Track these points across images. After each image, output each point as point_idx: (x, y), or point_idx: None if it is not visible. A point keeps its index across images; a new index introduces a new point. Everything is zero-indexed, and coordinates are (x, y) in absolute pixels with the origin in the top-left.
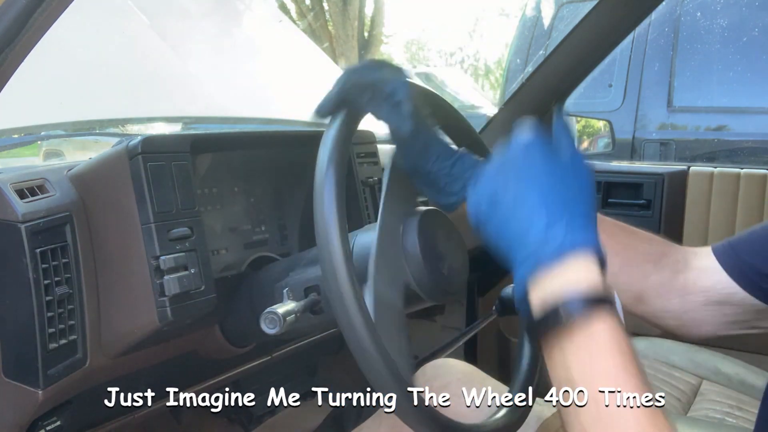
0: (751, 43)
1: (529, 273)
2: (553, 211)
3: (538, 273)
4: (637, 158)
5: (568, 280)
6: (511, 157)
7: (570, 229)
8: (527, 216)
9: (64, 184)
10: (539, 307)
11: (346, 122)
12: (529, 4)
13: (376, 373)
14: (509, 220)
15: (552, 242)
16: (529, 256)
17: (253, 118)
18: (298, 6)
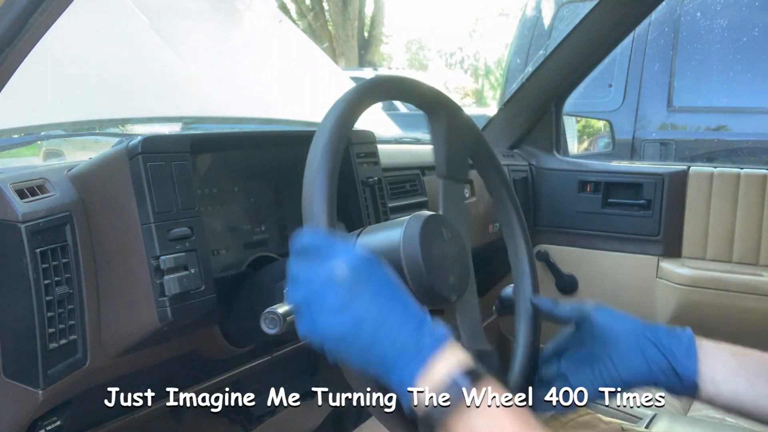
0: (751, 43)
1: (415, 374)
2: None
3: (425, 370)
4: (637, 158)
5: (450, 361)
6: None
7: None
8: (395, 331)
9: (64, 184)
10: (432, 393)
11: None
12: (529, 4)
13: None
14: (377, 340)
15: (424, 342)
16: (409, 362)
17: (253, 118)
18: (298, 6)
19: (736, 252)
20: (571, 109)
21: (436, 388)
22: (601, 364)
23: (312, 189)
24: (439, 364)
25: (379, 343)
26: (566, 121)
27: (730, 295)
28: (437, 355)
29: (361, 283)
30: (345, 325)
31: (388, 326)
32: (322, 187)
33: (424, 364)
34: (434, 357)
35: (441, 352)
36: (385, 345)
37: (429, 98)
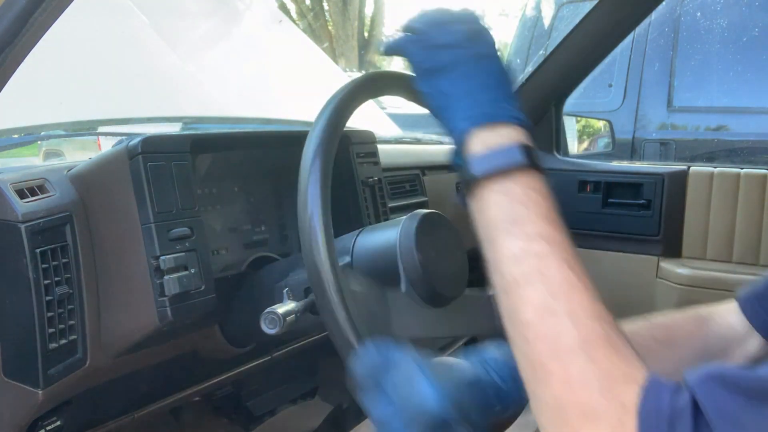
0: (751, 43)
1: (475, 125)
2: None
3: (485, 127)
4: (637, 158)
5: (512, 133)
6: None
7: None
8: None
9: (64, 184)
10: (483, 150)
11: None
12: (529, 4)
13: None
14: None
15: (502, 110)
16: (478, 116)
17: (253, 118)
18: (298, 6)
19: (736, 252)
20: (571, 109)
21: (488, 148)
22: None
23: (308, 218)
24: (501, 132)
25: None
26: (566, 121)
27: (730, 295)
28: (507, 125)
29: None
30: None
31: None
32: (318, 218)
33: (484, 124)
34: (503, 125)
35: (507, 125)
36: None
37: None
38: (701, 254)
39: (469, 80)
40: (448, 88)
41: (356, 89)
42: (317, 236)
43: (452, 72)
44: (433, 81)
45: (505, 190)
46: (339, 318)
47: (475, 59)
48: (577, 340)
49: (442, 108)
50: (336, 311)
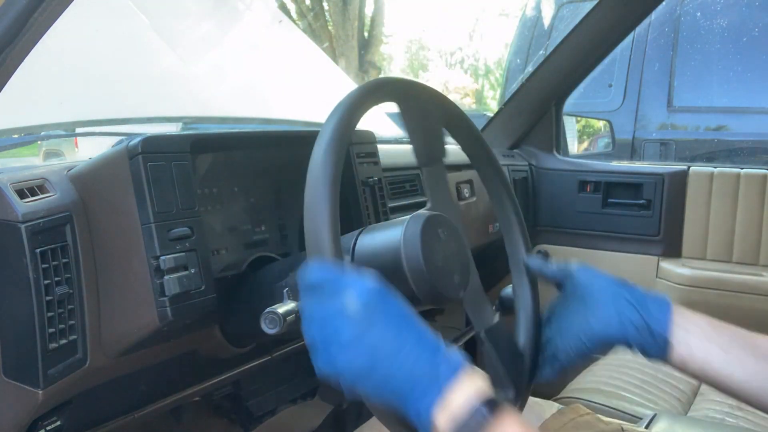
0: (751, 43)
1: (432, 403)
2: (426, 348)
3: (442, 400)
4: (637, 158)
5: (468, 391)
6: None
7: (447, 356)
8: (410, 361)
9: (64, 184)
10: (451, 426)
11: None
12: (529, 4)
13: None
14: (392, 372)
15: (441, 371)
16: (426, 389)
17: (253, 118)
18: (298, 6)
19: (736, 252)
20: (571, 109)
21: (454, 420)
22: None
23: (315, 215)
24: (457, 393)
25: (394, 374)
26: (566, 121)
27: (730, 295)
28: (454, 384)
29: (373, 314)
30: (360, 358)
31: (402, 357)
32: (326, 214)
33: (440, 393)
34: (451, 386)
35: (458, 381)
36: (401, 376)
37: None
38: (701, 254)
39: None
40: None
41: (367, 93)
42: (325, 239)
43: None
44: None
45: None
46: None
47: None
48: None
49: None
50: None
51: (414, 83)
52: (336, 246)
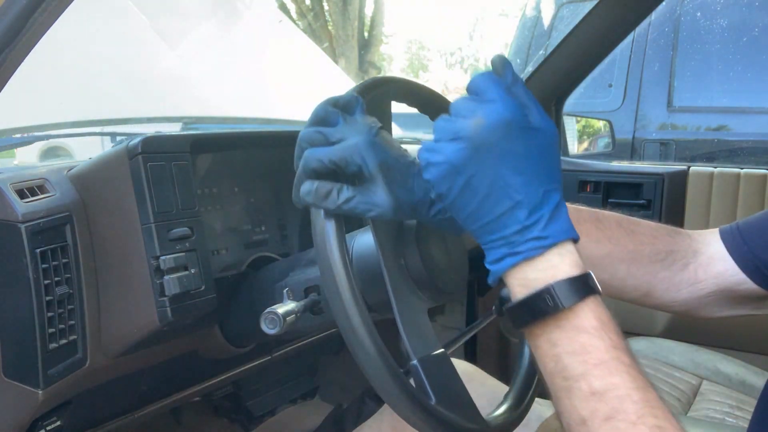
0: (751, 43)
1: (508, 259)
2: (532, 199)
3: (520, 261)
4: (637, 158)
5: (552, 268)
6: (486, 138)
7: (551, 218)
8: (506, 204)
9: (64, 184)
10: (521, 295)
11: None
12: (529, 4)
13: (378, 374)
14: (484, 207)
15: (533, 232)
16: (507, 242)
17: (253, 118)
18: (298, 6)
19: None
20: (571, 109)
21: (523, 293)
22: None
23: None
24: (536, 268)
25: (483, 213)
26: (566, 121)
27: None
28: (537, 258)
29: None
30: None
31: (498, 199)
32: None
33: (515, 264)
34: (532, 260)
35: (543, 257)
36: (488, 220)
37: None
38: None
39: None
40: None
41: (365, 91)
42: (330, 237)
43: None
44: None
45: (551, 341)
46: (353, 319)
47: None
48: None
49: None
50: (350, 313)
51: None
52: (341, 243)
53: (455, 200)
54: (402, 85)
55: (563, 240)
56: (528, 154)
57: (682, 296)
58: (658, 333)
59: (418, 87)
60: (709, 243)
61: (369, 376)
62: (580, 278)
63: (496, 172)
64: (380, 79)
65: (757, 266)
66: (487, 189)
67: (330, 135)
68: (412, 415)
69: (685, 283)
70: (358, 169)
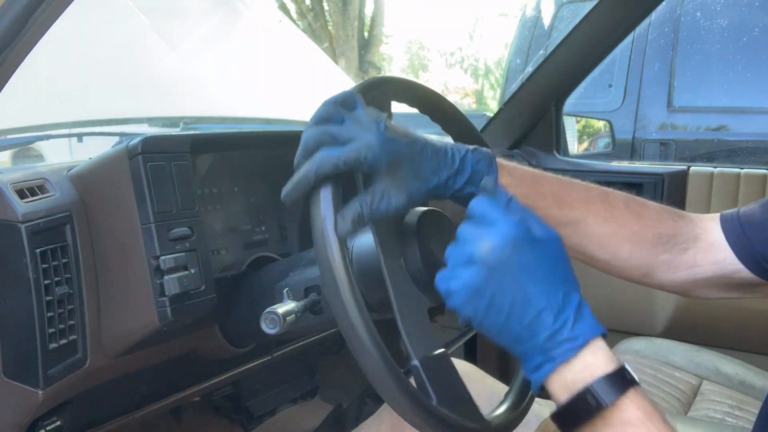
0: (751, 43)
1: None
2: (554, 303)
3: (557, 365)
4: (637, 158)
5: (589, 367)
6: (498, 256)
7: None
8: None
9: (64, 184)
10: (564, 398)
11: None
12: (529, 4)
13: (378, 374)
14: (511, 321)
15: (563, 334)
16: (541, 349)
17: (253, 118)
18: (298, 6)
19: None
20: (571, 109)
21: (566, 396)
22: None
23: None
24: (574, 370)
25: (510, 330)
26: (566, 121)
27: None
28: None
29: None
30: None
31: (520, 317)
32: (330, 212)
33: (553, 370)
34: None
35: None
36: (517, 335)
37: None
38: None
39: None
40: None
41: (371, 90)
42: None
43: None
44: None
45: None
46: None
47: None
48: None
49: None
50: (349, 310)
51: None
52: (341, 243)
53: (483, 321)
54: (401, 85)
55: (593, 337)
56: (539, 263)
57: (680, 278)
58: (658, 333)
59: (418, 87)
60: (710, 230)
61: (369, 376)
62: (617, 373)
63: (514, 286)
64: (380, 78)
65: (756, 259)
66: (510, 303)
67: (338, 134)
68: (413, 416)
69: (684, 266)
70: (370, 168)
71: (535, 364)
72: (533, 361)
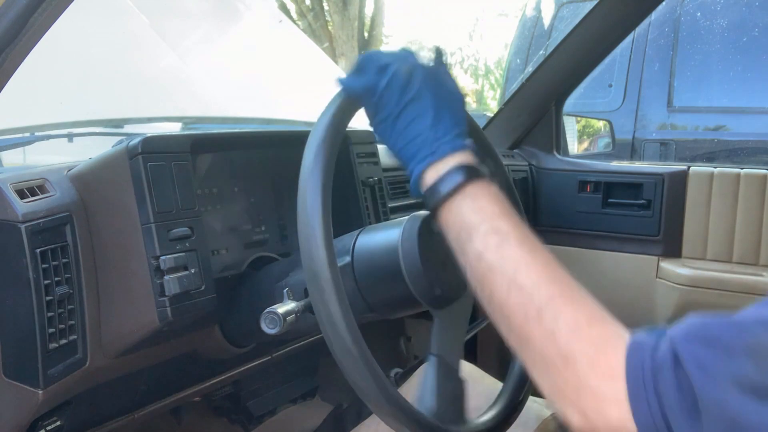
0: (751, 43)
1: (424, 166)
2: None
3: (432, 164)
4: (637, 158)
5: (454, 160)
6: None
7: (454, 137)
8: (426, 126)
9: (64, 184)
10: (433, 180)
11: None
12: (529, 4)
13: (360, 379)
14: (408, 134)
15: (442, 145)
16: (425, 157)
17: (253, 118)
18: (298, 6)
19: (736, 252)
20: (571, 109)
21: (437, 176)
22: None
23: (308, 222)
24: (446, 161)
25: (409, 132)
26: (566, 121)
27: (730, 295)
28: (448, 156)
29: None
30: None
31: (422, 123)
32: (318, 222)
33: (432, 162)
34: (445, 157)
35: (451, 155)
36: (413, 138)
37: None
38: (701, 254)
39: (409, 127)
40: (395, 140)
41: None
42: (317, 239)
43: (395, 123)
44: (382, 132)
45: (457, 209)
46: (336, 320)
47: (411, 104)
48: (543, 300)
49: (397, 154)
50: (333, 313)
51: None
52: (330, 252)
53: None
54: None
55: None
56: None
57: None
58: None
59: None
60: None
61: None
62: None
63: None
64: None
65: None
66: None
67: None
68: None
69: None
70: None
71: (419, 158)
72: (417, 156)
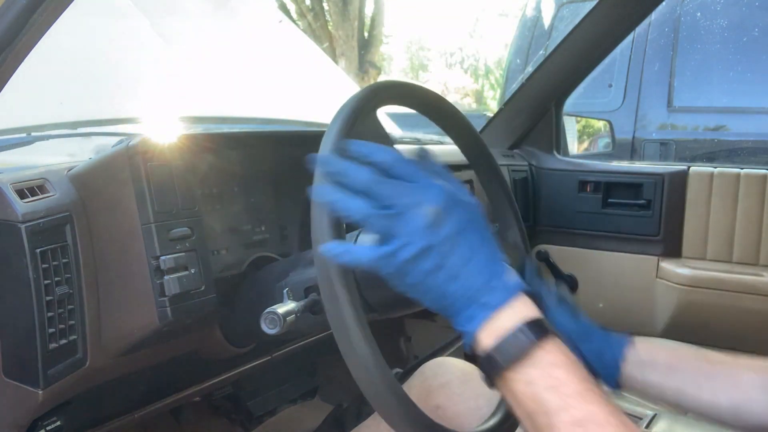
0: (751, 43)
1: (479, 315)
2: (487, 258)
3: (490, 314)
4: (637, 158)
5: (520, 312)
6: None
7: (503, 271)
8: (468, 269)
9: (64, 184)
10: (493, 343)
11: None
12: (529, 4)
13: (370, 381)
14: (450, 278)
15: (496, 284)
16: (474, 301)
17: (253, 118)
18: (298, 6)
19: (736, 252)
20: (571, 109)
21: (497, 338)
22: None
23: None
24: (504, 317)
25: (449, 288)
26: (566, 121)
27: (730, 295)
28: (504, 308)
29: (453, 218)
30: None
31: (463, 274)
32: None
33: (487, 318)
34: (500, 310)
35: (508, 306)
36: (457, 288)
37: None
38: (701, 254)
39: (449, 284)
40: (433, 300)
41: (374, 95)
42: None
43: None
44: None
45: (527, 379)
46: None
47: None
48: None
49: (438, 308)
50: (344, 312)
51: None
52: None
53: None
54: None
55: (521, 289)
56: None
57: None
58: (658, 333)
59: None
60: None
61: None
62: (543, 320)
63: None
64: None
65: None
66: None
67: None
68: (400, 421)
69: None
70: None
71: (468, 315)
72: (466, 313)
